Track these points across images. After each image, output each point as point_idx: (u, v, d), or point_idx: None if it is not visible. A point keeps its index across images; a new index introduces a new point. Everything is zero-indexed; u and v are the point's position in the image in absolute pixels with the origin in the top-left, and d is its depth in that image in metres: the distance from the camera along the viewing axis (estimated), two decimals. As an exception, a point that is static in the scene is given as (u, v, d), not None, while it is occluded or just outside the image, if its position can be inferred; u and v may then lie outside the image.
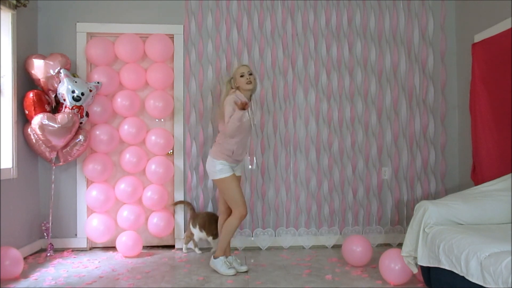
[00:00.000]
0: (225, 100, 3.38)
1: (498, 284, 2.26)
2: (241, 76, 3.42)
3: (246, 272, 3.50)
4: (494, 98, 3.71)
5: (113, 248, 4.16)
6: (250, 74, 3.43)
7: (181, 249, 4.20)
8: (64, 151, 3.93)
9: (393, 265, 3.10)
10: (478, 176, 3.87)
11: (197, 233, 4.00)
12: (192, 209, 4.13)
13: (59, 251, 4.12)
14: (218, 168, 3.38)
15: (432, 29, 4.42)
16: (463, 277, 2.51)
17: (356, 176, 4.38)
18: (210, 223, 3.96)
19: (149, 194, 4.09)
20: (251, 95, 3.53)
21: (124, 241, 3.95)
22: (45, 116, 3.73)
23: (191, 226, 4.04)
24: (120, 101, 4.07)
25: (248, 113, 3.48)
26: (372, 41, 4.39)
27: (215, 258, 3.48)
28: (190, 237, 4.06)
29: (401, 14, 4.41)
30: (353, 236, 3.70)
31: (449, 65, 4.44)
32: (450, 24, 4.45)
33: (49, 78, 3.87)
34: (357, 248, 3.54)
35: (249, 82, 3.41)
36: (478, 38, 3.98)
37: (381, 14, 4.40)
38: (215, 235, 3.92)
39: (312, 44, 4.35)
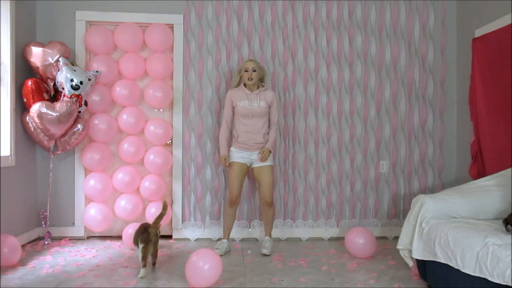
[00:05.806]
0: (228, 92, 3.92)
1: (494, 277, 2.28)
2: (245, 71, 3.79)
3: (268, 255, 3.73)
4: (493, 93, 3.71)
5: (110, 237, 4.17)
6: (254, 71, 3.75)
7: (178, 239, 4.23)
8: (62, 139, 3.92)
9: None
10: (476, 170, 3.88)
11: None
12: None
13: (57, 239, 4.13)
14: (231, 154, 3.82)
15: (432, 23, 4.41)
16: (458, 270, 2.53)
17: (354, 169, 4.39)
18: None
19: (147, 184, 4.09)
20: (259, 86, 3.86)
21: (132, 233, 3.88)
22: (44, 105, 3.71)
23: None
24: (119, 91, 4.05)
25: (248, 101, 3.77)
26: (373, 34, 4.38)
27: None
28: None
29: (402, 8, 4.40)
30: (356, 228, 3.78)
31: (449, 60, 4.44)
32: (450, 18, 4.44)
33: (47, 66, 3.85)
34: (359, 240, 3.65)
35: (250, 79, 3.76)
36: (478, 33, 3.97)
37: (382, 7, 4.39)
38: None
39: (312, 37, 4.34)
